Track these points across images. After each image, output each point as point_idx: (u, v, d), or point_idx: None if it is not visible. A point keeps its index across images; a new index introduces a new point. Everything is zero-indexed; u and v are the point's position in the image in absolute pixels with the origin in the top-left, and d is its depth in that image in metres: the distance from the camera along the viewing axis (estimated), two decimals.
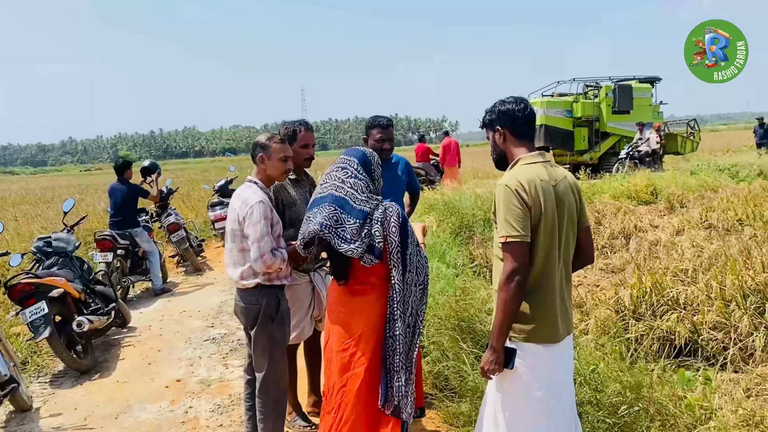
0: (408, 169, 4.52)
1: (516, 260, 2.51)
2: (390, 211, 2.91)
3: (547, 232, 2.60)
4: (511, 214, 2.52)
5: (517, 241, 2.51)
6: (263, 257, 3.25)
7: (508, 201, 2.53)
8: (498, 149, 2.80)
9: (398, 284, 2.88)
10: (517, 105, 2.74)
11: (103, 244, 7.85)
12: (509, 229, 2.51)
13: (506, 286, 2.51)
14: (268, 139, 3.49)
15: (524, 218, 2.52)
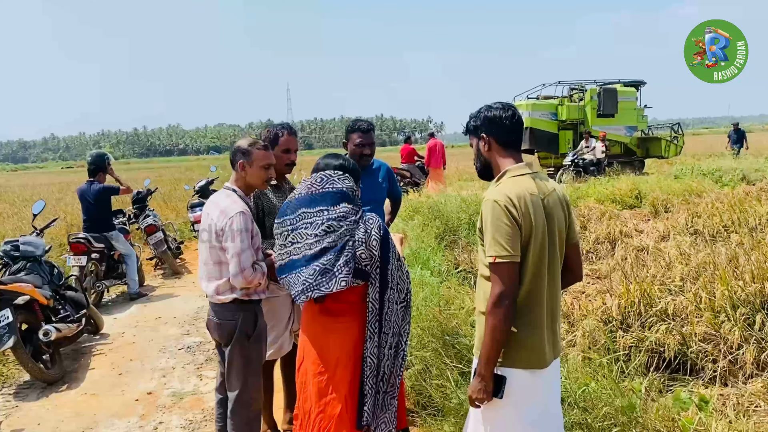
0: (389, 175, 4.35)
1: (505, 282, 2.34)
2: (370, 224, 2.73)
3: (537, 250, 2.44)
4: (500, 232, 2.35)
5: (506, 261, 2.34)
6: (244, 272, 3.06)
7: (496, 218, 2.36)
8: (482, 158, 2.62)
9: (374, 302, 2.71)
10: (505, 112, 2.57)
11: (77, 247, 7.58)
12: (498, 249, 2.34)
13: (495, 310, 2.34)
14: (251, 144, 3.29)
15: (514, 236, 2.36)
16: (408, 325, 2.88)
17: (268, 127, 3.81)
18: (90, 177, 7.89)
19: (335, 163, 2.83)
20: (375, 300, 2.70)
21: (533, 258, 2.42)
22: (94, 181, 7.86)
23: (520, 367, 2.45)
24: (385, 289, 2.73)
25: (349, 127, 4.12)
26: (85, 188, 7.83)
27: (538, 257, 2.44)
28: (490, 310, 2.34)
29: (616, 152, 20.79)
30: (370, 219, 2.74)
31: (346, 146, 4.13)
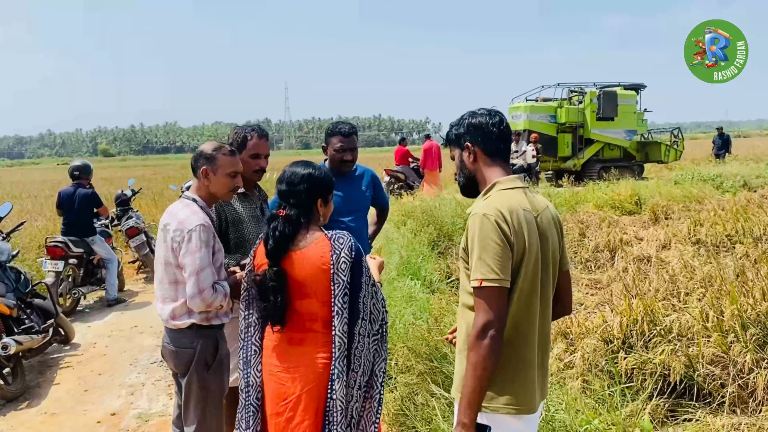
0: (374, 182, 4.01)
1: (492, 310, 2.00)
2: (339, 245, 2.39)
3: (529, 275, 2.11)
4: (488, 252, 2.01)
5: (494, 286, 2.00)
6: (202, 294, 2.71)
7: (485, 235, 2.02)
8: (466, 170, 2.29)
9: (342, 336, 2.35)
10: (492, 118, 2.25)
11: (54, 251, 7.23)
12: (485, 271, 2.00)
13: (479, 343, 1.99)
14: (216, 149, 2.93)
15: (504, 257, 2.02)
16: (384, 362, 2.51)
17: (236, 129, 3.45)
18: (74, 181, 7.63)
19: (303, 172, 2.47)
20: (342, 333, 2.35)
21: (524, 284, 2.09)
22: (81, 185, 7.56)
23: (507, 412, 2.10)
24: (355, 321, 2.38)
25: (329, 130, 3.78)
26: (70, 191, 7.52)
27: (530, 283, 2.11)
28: (472, 343, 2.00)
29: (615, 156, 20.51)
30: (339, 238, 2.40)
31: (325, 151, 3.80)
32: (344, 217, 3.71)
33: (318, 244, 2.39)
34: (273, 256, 2.37)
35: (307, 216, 2.44)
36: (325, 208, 2.55)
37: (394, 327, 4.75)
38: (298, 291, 2.39)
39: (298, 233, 2.40)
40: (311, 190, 2.45)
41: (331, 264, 2.35)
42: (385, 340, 2.49)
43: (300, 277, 2.37)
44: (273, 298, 2.36)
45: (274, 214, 2.43)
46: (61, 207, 7.55)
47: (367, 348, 2.41)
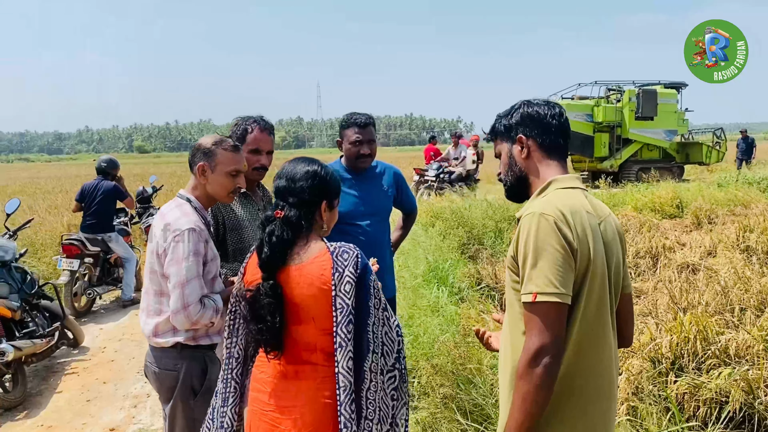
0: (398, 181, 3.59)
1: (548, 331, 1.62)
2: (343, 260, 1.97)
3: (596, 291, 1.72)
4: (546, 260, 1.63)
5: (552, 301, 1.62)
6: (187, 309, 2.34)
7: (543, 239, 1.65)
8: (515, 168, 1.91)
9: (346, 374, 1.92)
10: (551, 109, 1.89)
11: (70, 249, 6.97)
12: (542, 283, 1.62)
13: (529, 371, 1.61)
14: (216, 143, 2.55)
15: (565, 267, 1.64)
16: (405, 407, 2.06)
17: (236, 120, 3.07)
18: (100, 175, 7.38)
19: (306, 167, 2.06)
20: (347, 370, 1.92)
21: (590, 301, 1.71)
22: (106, 179, 7.32)
23: None
24: (364, 355, 1.95)
25: (343, 121, 3.38)
26: (94, 184, 7.28)
27: (596, 301, 1.72)
28: (523, 371, 1.63)
29: (654, 157, 19.79)
30: (343, 252, 1.98)
31: (340, 146, 3.40)
32: (361, 220, 3.31)
33: (319, 258, 1.97)
34: (269, 267, 1.97)
35: (309, 221, 2.03)
36: (330, 214, 2.12)
37: (418, 341, 4.33)
38: (293, 314, 1.98)
39: (297, 241, 2.00)
40: (315, 189, 2.04)
41: (332, 284, 1.93)
42: (404, 378, 2.06)
43: (296, 298, 1.96)
44: (270, 318, 1.94)
45: (269, 216, 2.02)
46: (82, 200, 7.29)
47: (381, 389, 1.99)
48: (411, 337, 4.38)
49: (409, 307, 4.97)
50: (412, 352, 4.20)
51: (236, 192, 2.60)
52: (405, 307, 5.03)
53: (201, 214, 2.54)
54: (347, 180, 3.35)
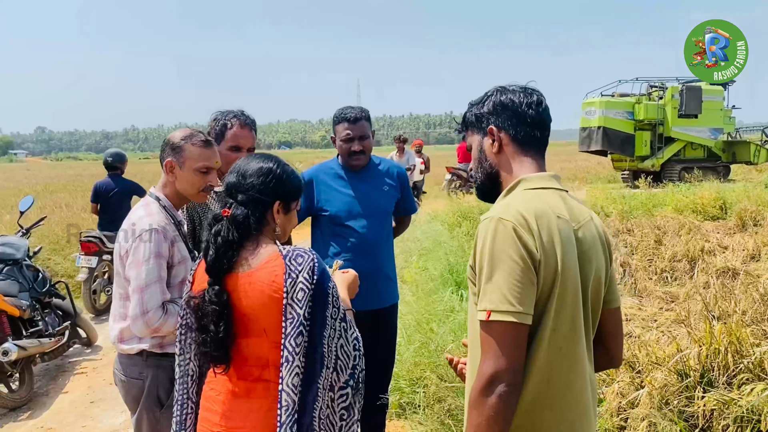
0: (401, 182, 3.36)
1: (504, 355, 1.40)
2: (297, 264, 1.77)
3: (567, 309, 1.49)
4: (502, 272, 1.42)
5: (509, 321, 1.40)
6: (146, 315, 2.19)
7: (501, 248, 1.43)
8: (486, 164, 1.68)
9: (289, 392, 1.71)
10: (527, 96, 1.64)
11: (89, 246, 6.94)
12: (498, 299, 1.41)
13: (482, 400, 1.40)
14: (185, 138, 2.39)
15: (525, 281, 1.42)
16: (355, 424, 1.87)
17: (216, 115, 2.90)
18: (111, 172, 7.36)
19: (257, 166, 1.87)
20: (292, 388, 1.71)
21: (559, 321, 1.48)
22: (117, 175, 7.30)
23: None
24: (317, 372, 1.75)
25: (335, 117, 3.19)
26: (106, 182, 7.26)
27: (568, 321, 1.49)
28: (474, 400, 1.42)
29: (698, 156, 19.05)
30: (297, 256, 1.78)
31: (334, 142, 3.21)
32: (356, 221, 3.11)
33: (270, 263, 1.78)
34: (214, 271, 1.78)
35: (259, 222, 1.83)
36: (285, 217, 1.92)
37: (425, 348, 4.11)
38: (243, 326, 1.79)
39: (246, 245, 1.82)
40: (267, 187, 1.84)
41: (284, 292, 1.74)
42: (358, 393, 1.85)
43: (246, 308, 1.77)
44: (214, 327, 1.75)
45: (217, 215, 1.84)
46: (97, 200, 7.28)
47: (328, 406, 1.78)
48: (417, 345, 4.17)
49: (419, 313, 4.75)
50: (418, 361, 3.99)
51: (208, 190, 2.43)
52: (415, 312, 4.81)
53: (170, 213, 2.39)
54: (341, 179, 3.17)
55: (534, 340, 1.45)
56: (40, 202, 16.10)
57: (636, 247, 8.40)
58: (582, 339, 1.52)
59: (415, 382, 3.93)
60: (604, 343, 1.67)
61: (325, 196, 3.15)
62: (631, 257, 7.96)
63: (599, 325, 1.63)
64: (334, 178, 3.19)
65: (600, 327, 1.64)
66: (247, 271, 1.78)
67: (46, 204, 15.81)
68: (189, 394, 1.94)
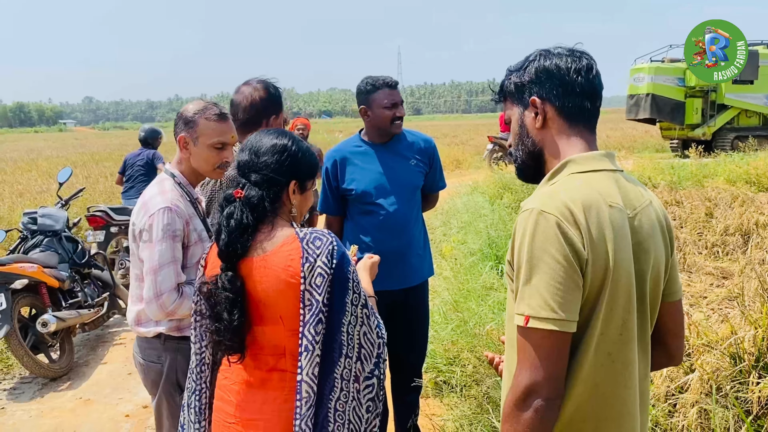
0: (431, 153, 3.19)
1: (543, 366, 1.25)
2: (315, 247, 1.64)
3: (618, 311, 1.31)
4: (544, 274, 1.25)
5: (549, 329, 1.24)
6: (160, 298, 2.10)
7: (542, 245, 1.26)
8: (527, 141, 1.47)
9: (309, 381, 1.61)
10: (576, 61, 1.42)
11: (95, 221, 6.83)
12: (537, 304, 1.24)
13: (516, 414, 1.26)
14: (199, 111, 2.27)
15: (569, 284, 1.25)
16: (377, 417, 1.74)
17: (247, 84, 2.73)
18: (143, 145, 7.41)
19: (271, 143, 1.73)
20: (312, 378, 1.61)
21: (609, 325, 1.31)
22: (148, 149, 7.33)
23: None
24: (336, 359, 1.63)
25: (369, 85, 2.99)
26: (135, 154, 7.32)
27: (618, 324, 1.32)
28: (508, 413, 1.28)
29: (754, 124, 18.21)
30: (315, 239, 1.66)
31: (366, 114, 3.01)
32: (384, 198, 2.96)
33: (285, 246, 1.66)
34: (227, 256, 1.67)
35: (274, 203, 1.71)
36: (302, 197, 1.79)
37: (463, 326, 3.98)
38: (258, 313, 1.69)
39: (260, 227, 1.70)
40: (282, 165, 1.71)
41: (301, 277, 1.62)
42: (380, 385, 1.72)
43: (260, 294, 1.66)
44: (227, 315, 1.65)
45: (229, 196, 1.71)
46: (124, 172, 7.33)
47: (355, 399, 1.66)
48: (455, 323, 4.04)
49: (457, 289, 4.61)
50: (455, 339, 3.86)
51: (224, 167, 2.30)
52: (454, 288, 4.68)
53: (186, 190, 2.29)
54: (367, 155, 3.03)
55: (578, 347, 1.30)
56: (86, 172, 16.41)
57: (685, 220, 8.07)
58: (634, 342, 1.35)
59: (452, 361, 3.82)
60: (662, 339, 1.50)
61: (351, 176, 3.01)
62: (680, 230, 7.64)
63: (657, 320, 1.46)
64: (360, 156, 3.04)
65: (658, 322, 1.46)
66: (262, 256, 1.66)
67: (91, 173, 16.09)
68: (206, 383, 1.85)
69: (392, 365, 3.19)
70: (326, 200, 3.09)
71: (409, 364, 3.22)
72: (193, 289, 2.15)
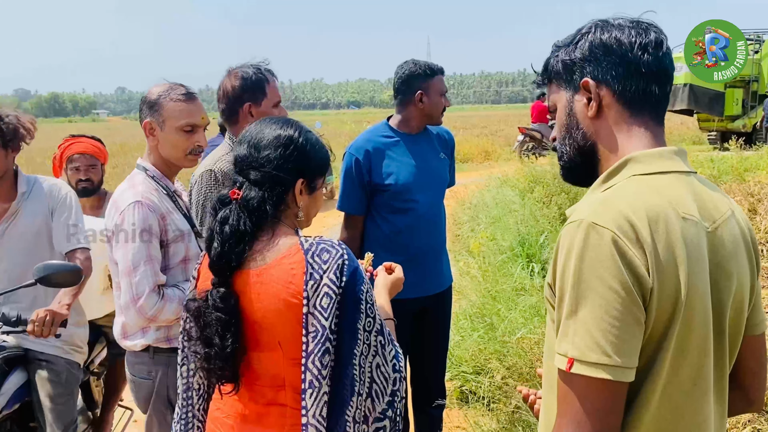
0: (452, 149, 2.96)
1: (588, 422, 0.97)
2: (321, 261, 1.38)
3: (690, 350, 1.03)
4: (595, 306, 0.97)
5: (599, 377, 0.96)
6: (137, 302, 1.89)
7: (591, 269, 0.98)
8: (577, 134, 1.18)
9: (317, 424, 1.35)
10: (641, 35, 1.12)
11: None
12: (585, 345, 0.97)
13: None
14: (163, 92, 2.05)
15: (627, 321, 0.97)
16: None
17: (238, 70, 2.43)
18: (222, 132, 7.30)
19: (274, 134, 1.46)
20: (319, 422, 1.35)
21: (679, 371, 1.03)
22: None
23: None
24: (346, 399, 1.36)
25: (426, 69, 2.69)
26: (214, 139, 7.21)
27: (692, 369, 1.04)
28: None
29: None
30: (323, 251, 1.40)
31: (420, 100, 2.68)
32: (420, 193, 2.69)
33: (287, 259, 1.40)
34: (220, 269, 1.42)
35: (277, 205, 1.45)
36: (309, 198, 1.53)
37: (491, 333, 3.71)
38: (254, 337, 1.44)
39: (260, 234, 1.44)
40: (287, 161, 1.45)
41: (304, 297, 1.36)
42: (397, 427, 1.46)
43: (256, 314, 1.41)
44: (219, 341, 1.40)
45: (223, 198, 1.46)
46: None
47: None
48: (483, 330, 3.77)
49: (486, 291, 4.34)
50: (483, 347, 3.59)
51: (197, 152, 2.09)
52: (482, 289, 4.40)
53: (161, 183, 2.07)
54: (397, 146, 2.73)
55: (636, 399, 1.02)
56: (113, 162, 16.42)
57: None
58: (710, 393, 1.07)
59: (479, 369, 3.55)
60: (739, 380, 1.21)
61: (388, 169, 2.68)
62: None
63: (739, 358, 1.18)
64: (393, 147, 2.73)
65: (736, 360, 1.18)
66: (260, 268, 1.41)
67: (118, 163, 16.09)
68: (195, 411, 1.61)
69: (415, 376, 2.96)
70: (351, 196, 2.72)
71: (433, 375, 2.98)
72: (178, 294, 1.94)
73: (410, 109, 2.73)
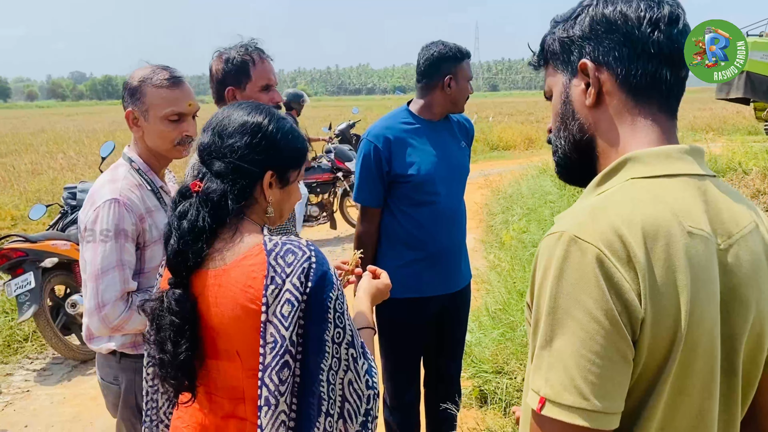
0: (471, 136, 2.78)
1: None
2: (284, 263, 1.23)
3: (690, 393, 0.86)
4: (572, 336, 0.80)
5: (574, 424, 0.79)
6: (102, 310, 1.75)
7: (571, 292, 0.81)
8: (573, 124, 1.00)
9: None
10: (651, 9, 0.93)
11: None
12: (559, 383, 0.80)
13: None
14: (146, 78, 1.88)
15: (611, 355, 0.80)
16: None
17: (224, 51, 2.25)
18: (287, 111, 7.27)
19: (241, 119, 1.32)
20: None
21: (673, 417, 0.87)
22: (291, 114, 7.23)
23: None
24: (312, 419, 1.21)
25: (456, 51, 2.48)
26: None
27: (693, 414, 0.87)
28: None
29: None
30: (286, 253, 1.25)
31: (448, 85, 2.48)
32: (444, 185, 2.51)
33: (248, 259, 1.26)
34: (177, 268, 1.29)
35: (241, 199, 1.31)
36: (281, 192, 1.38)
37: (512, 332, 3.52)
38: (211, 344, 1.31)
39: (221, 231, 1.31)
40: (254, 150, 1.31)
41: (263, 303, 1.22)
42: None
43: (214, 319, 1.28)
44: (172, 347, 1.27)
45: (184, 190, 1.34)
46: None
47: None
48: (503, 328, 3.59)
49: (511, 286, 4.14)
50: (503, 347, 3.41)
51: (185, 142, 1.91)
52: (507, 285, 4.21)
53: (147, 177, 1.92)
54: (418, 134, 2.53)
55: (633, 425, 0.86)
56: None
57: None
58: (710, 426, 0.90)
59: (499, 368, 3.38)
60: (757, 419, 1.02)
61: (411, 158, 2.48)
62: None
63: (759, 390, 0.99)
64: (414, 134, 2.52)
65: (754, 402, 0.99)
66: (219, 268, 1.27)
67: None
68: (160, 416, 1.50)
69: (431, 375, 2.84)
70: (369, 188, 2.52)
71: (448, 375, 2.84)
72: None
73: (436, 94, 2.53)
